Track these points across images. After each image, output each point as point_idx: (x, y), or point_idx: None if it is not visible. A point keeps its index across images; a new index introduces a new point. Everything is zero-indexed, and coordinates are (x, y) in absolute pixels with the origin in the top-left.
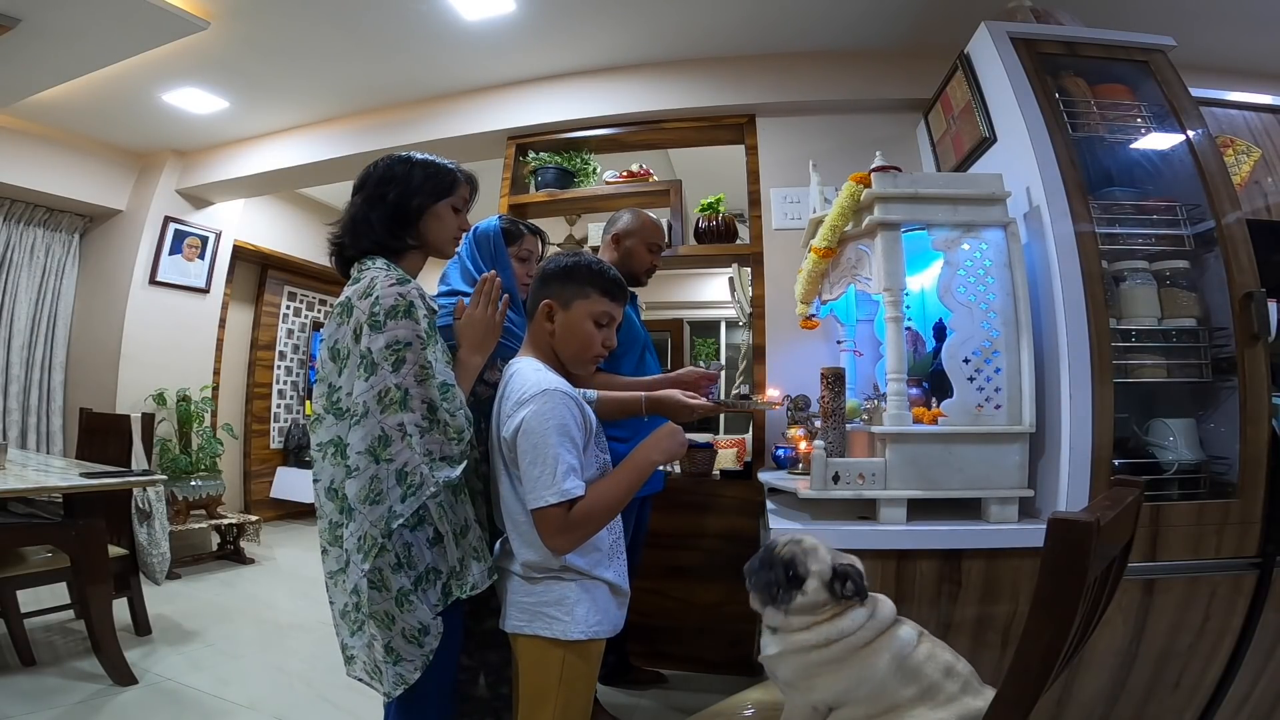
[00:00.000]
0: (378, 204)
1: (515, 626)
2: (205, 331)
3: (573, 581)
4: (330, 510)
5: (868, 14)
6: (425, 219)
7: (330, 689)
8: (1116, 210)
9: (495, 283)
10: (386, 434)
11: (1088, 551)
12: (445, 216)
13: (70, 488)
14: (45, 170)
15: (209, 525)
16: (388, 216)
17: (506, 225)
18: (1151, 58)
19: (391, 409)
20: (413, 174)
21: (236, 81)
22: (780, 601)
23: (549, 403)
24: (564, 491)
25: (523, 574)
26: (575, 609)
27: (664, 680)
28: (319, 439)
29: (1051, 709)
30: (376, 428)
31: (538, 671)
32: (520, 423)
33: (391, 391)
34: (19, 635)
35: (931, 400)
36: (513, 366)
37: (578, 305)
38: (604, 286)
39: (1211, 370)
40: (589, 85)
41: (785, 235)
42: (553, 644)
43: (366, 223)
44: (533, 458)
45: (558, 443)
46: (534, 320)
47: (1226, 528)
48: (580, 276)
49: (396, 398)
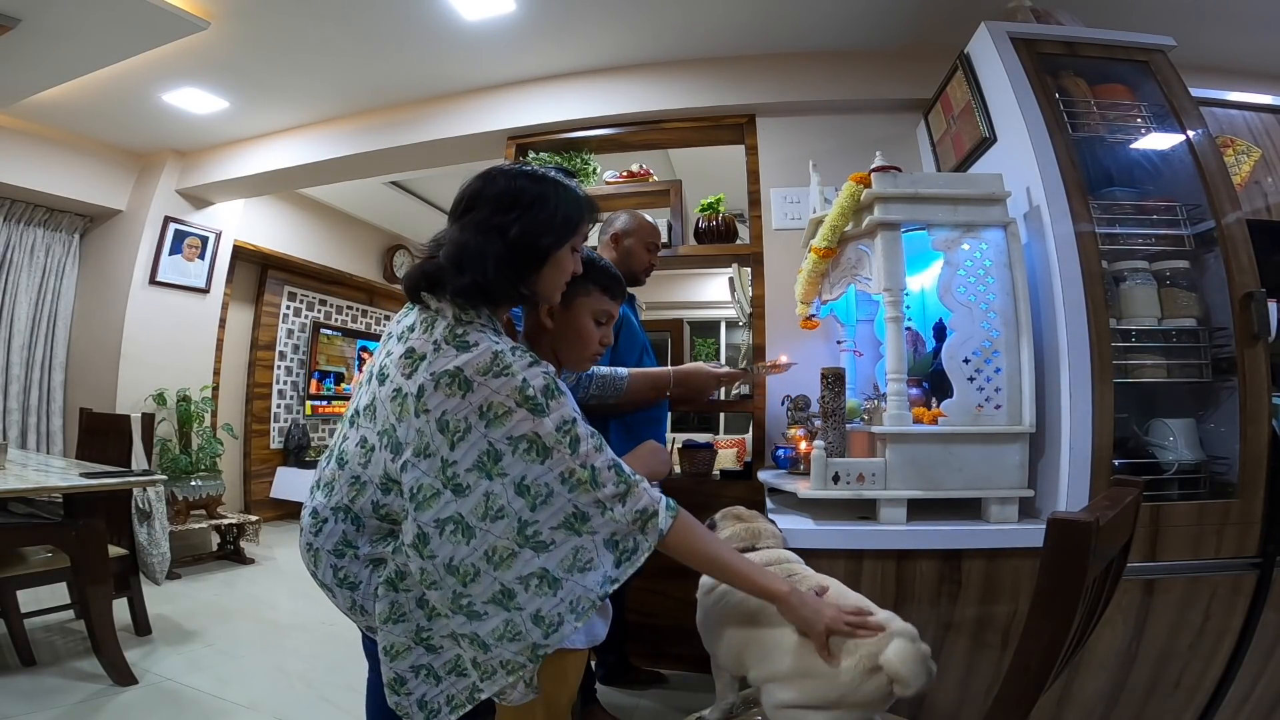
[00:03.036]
0: (496, 236)
1: None
2: (205, 331)
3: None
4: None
5: (868, 14)
6: (548, 266)
7: (330, 689)
8: (1116, 210)
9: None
10: (582, 511)
11: (1087, 551)
12: (565, 265)
13: (70, 488)
14: (45, 170)
15: (209, 525)
16: (509, 255)
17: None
18: (1151, 58)
19: (581, 489)
20: (548, 201)
21: (236, 81)
22: None
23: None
24: None
25: None
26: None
27: (664, 680)
28: (435, 514)
29: (1051, 709)
30: (569, 505)
31: None
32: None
33: (577, 472)
34: (19, 635)
35: (931, 400)
36: None
37: (579, 302)
38: (605, 284)
39: (1211, 370)
40: (589, 85)
41: (785, 235)
42: None
43: (480, 258)
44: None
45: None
46: (530, 315)
47: (1226, 528)
48: (583, 273)
49: (585, 477)
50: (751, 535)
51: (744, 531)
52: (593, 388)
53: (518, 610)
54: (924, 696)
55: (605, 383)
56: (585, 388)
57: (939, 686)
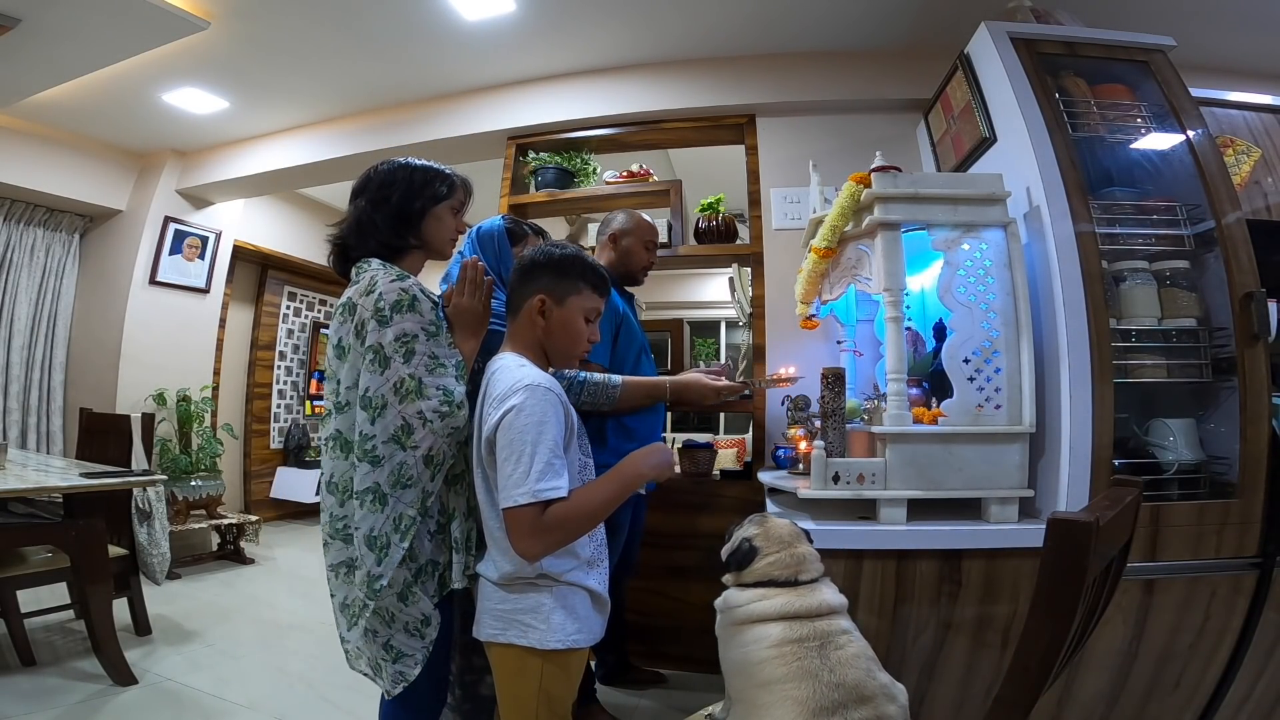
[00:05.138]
0: (381, 206)
1: (490, 634)
2: (205, 331)
3: (549, 589)
4: (331, 503)
5: (868, 14)
6: (427, 220)
7: (330, 689)
8: (1116, 210)
9: (479, 268)
10: (408, 422)
11: (1087, 551)
12: (445, 218)
13: (70, 488)
14: (45, 170)
15: (209, 525)
16: (392, 218)
17: (510, 225)
18: (1151, 58)
19: (409, 398)
20: (413, 178)
21: (236, 81)
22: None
23: (531, 398)
24: (536, 492)
25: (499, 581)
26: (551, 617)
27: (664, 680)
28: (324, 433)
29: (1051, 709)
30: (397, 418)
31: (516, 681)
32: (500, 419)
33: (406, 381)
34: (19, 635)
35: (931, 400)
36: (495, 364)
37: (572, 301)
38: (595, 282)
39: (1211, 370)
40: (589, 85)
41: (785, 235)
42: (529, 653)
43: (371, 224)
44: (508, 454)
45: (535, 440)
46: (520, 314)
47: (1226, 528)
48: (574, 270)
49: (412, 387)
50: (796, 563)
51: (788, 559)
52: (584, 394)
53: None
54: (924, 696)
55: (597, 390)
56: (576, 394)
57: (939, 686)
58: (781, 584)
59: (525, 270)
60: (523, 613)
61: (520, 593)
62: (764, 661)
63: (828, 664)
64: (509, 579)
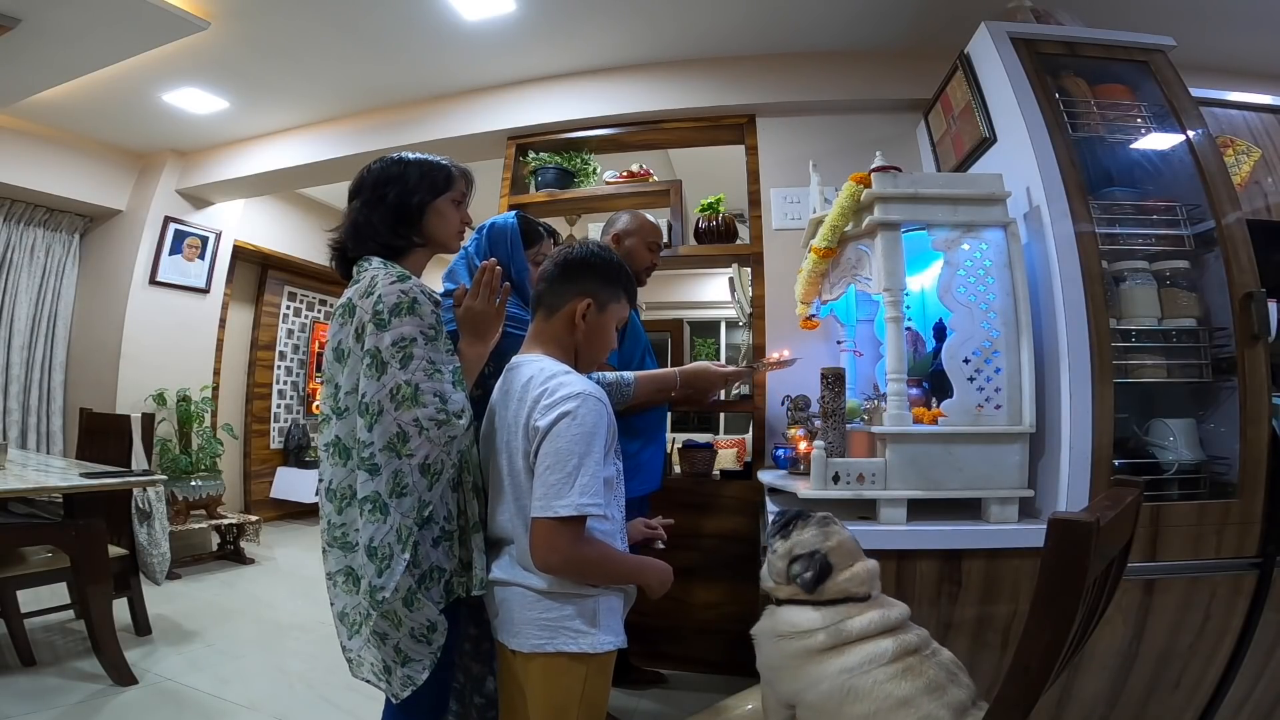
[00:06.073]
0: (378, 205)
1: (535, 645)
2: (205, 331)
3: (596, 594)
4: (329, 511)
5: (868, 14)
6: (428, 216)
7: (330, 689)
8: (1116, 210)
9: (495, 271)
10: (404, 430)
11: (1088, 551)
12: (447, 212)
13: (70, 488)
14: (45, 170)
15: (209, 525)
16: (390, 216)
17: (525, 225)
18: (1151, 58)
19: (405, 405)
20: (409, 173)
21: (236, 81)
22: (765, 561)
23: (584, 408)
24: (580, 505)
25: (544, 589)
26: (599, 620)
27: (664, 680)
28: (324, 439)
29: (1051, 709)
30: (393, 425)
31: (558, 691)
32: (552, 425)
33: (403, 388)
34: (19, 635)
35: (931, 400)
36: (531, 364)
37: (612, 308)
38: (631, 292)
39: (1211, 370)
40: (589, 85)
41: (785, 235)
42: (576, 661)
43: (369, 225)
44: (553, 461)
45: (584, 452)
46: (559, 314)
47: (1226, 528)
48: (620, 279)
49: (408, 394)
50: (870, 577)
51: (863, 573)
52: None
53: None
54: None
55: (612, 390)
56: None
57: None
58: (859, 600)
59: (570, 269)
60: (571, 618)
61: (566, 601)
62: (887, 681)
63: (945, 667)
64: (558, 586)
